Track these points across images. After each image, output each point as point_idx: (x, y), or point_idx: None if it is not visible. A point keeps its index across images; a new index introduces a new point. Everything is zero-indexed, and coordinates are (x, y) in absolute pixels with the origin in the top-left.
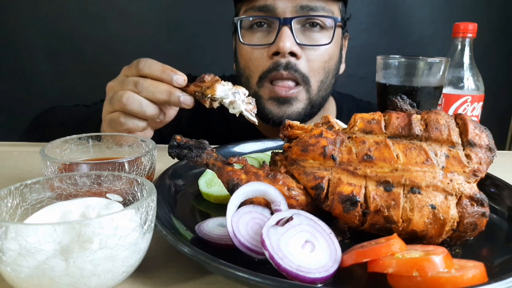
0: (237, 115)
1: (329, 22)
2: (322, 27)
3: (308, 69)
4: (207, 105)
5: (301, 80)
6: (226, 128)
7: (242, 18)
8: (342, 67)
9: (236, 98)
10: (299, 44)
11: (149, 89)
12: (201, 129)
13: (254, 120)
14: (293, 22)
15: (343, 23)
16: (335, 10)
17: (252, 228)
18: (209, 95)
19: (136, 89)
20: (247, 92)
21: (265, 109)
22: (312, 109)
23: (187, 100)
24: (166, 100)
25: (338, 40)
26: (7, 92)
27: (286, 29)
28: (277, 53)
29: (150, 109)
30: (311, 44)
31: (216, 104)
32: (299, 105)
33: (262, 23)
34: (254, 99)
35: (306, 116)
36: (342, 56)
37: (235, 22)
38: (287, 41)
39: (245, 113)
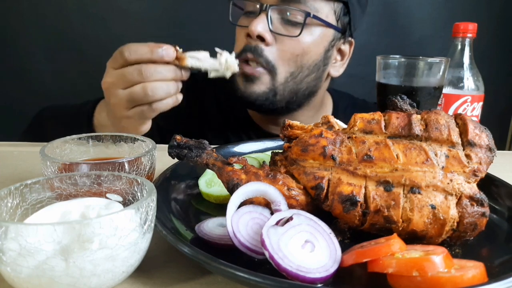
0: (210, 76)
1: (304, 17)
2: (303, 24)
3: (276, 58)
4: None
5: (265, 66)
6: (221, 118)
7: (232, 1)
8: (340, 70)
9: (209, 64)
10: (272, 32)
11: (161, 72)
12: (197, 119)
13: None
14: (271, 10)
15: (340, 28)
16: (324, 8)
17: (252, 228)
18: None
19: (142, 78)
20: (229, 56)
21: (234, 83)
22: (275, 98)
23: (187, 75)
24: (174, 77)
25: (321, 39)
26: (7, 92)
27: (262, 15)
28: (249, 35)
29: (173, 88)
30: (281, 34)
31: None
32: (261, 87)
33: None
34: (237, 61)
35: (268, 101)
36: (329, 58)
37: (227, 3)
38: (258, 25)
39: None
